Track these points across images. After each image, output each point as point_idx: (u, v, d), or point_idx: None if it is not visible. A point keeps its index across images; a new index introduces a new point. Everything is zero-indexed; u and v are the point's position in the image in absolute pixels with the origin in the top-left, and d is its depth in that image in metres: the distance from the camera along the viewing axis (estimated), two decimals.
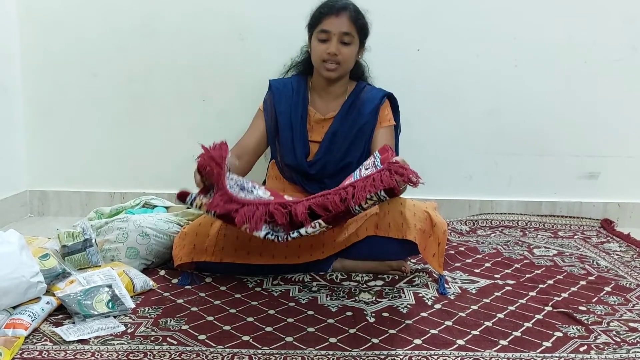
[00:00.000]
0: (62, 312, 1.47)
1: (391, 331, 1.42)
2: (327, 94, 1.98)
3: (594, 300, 1.65)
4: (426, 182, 2.20)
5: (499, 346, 1.36)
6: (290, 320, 1.48)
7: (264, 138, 2.00)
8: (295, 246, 1.77)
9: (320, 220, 1.46)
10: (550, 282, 1.79)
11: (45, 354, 1.28)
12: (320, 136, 1.96)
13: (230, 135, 2.15)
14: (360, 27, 1.89)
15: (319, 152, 1.94)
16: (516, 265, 1.95)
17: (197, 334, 1.39)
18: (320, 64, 1.89)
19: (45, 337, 1.35)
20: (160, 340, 1.35)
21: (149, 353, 1.29)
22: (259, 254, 1.75)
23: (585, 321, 1.50)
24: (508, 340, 1.39)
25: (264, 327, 1.43)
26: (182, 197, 1.51)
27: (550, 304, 1.61)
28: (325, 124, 1.96)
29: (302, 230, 1.47)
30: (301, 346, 1.34)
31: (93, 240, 1.70)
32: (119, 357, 1.28)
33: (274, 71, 2.18)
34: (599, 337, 1.42)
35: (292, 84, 2.01)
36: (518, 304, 1.61)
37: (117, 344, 1.33)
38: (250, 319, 1.48)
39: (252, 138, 1.98)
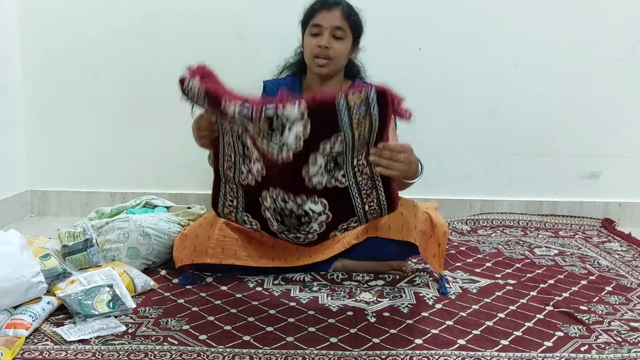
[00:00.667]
0: (63, 312, 1.47)
1: (392, 331, 1.42)
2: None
3: (595, 300, 1.65)
4: (427, 182, 2.18)
5: (500, 346, 1.36)
6: (291, 320, 1.48)
7: None
8: (295, 249, 1.77)
9: (302, 100, 1.31)
10: (551, 281, 1.79)
11: (46, 354, 1.28)
12: None
13: None
14: (353, 24, 1.88)
15: None
16: (517, 264, 1.95)
17: (198, 334, 1.38)
18: (312, 60, 1.88)
19: (46, 337, 1.35)
20: (161, 340, 1.35)
21: (149, 353, 1.29)
22: (259, 256, 1.75)
23: (586, 321, 1.49)
24: (509, 340, 1.39)
25: (265, 327, 1.43)
26: (183, 81, 1.45)
27: (551, 303, 1.60)
28: None
29: (280, 107, 1.30)
30: (302, 346, 1.33)
31: (94, 240, 1.70)
32: (120, 357, 1.27)
33: (274, 71, 2.18)
34: (600, 336, 1.41)
35: (286, 84, 2.00)
36: (519, 303, 1.61)
37: (118, 344, 1.33)
38: (251, 319, 1.48)
39: None
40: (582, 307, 1.59)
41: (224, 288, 1.68)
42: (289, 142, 1.33)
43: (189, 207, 2.03)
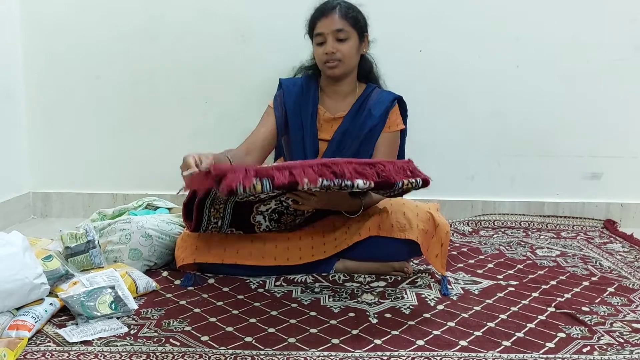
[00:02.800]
0: (65, 314, 1.47)
1: (394, 332, 1.42)
2: (335, 94, 1.98)
3: (597, 301, 1.65)
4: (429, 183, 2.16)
5: (502, 347, 1.36)
6: (292, 321, 1.48)
7: (273, 134, 1.99)
8: (297, 248, 1.77)
9: (371, 183, 1.49)
10: (553, 282, 1.79)
11: (48, 355, 1.29)
12: (329, 135, 1.95)
13: (231, 136, 2.16)
14: (354, 21, 1.89)
15: (328, 150, 1.94)
16: (519, 266, 1.95)
17: (200, 335, 1.39)
18: (323, 66, 1.91)
19: (48, 339, 1.36)
20: (163, 341, 1.35)
21: (151, 354, 1.29)
22: (261, 255, 1.75)
23: (589, 322, 1.49)
24: (511, 341, 1.39)
25: (267, 328, 1.43)
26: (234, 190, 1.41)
27: (553, 304, 1.60)
28: (335, 123, 1.96)
29: (353, 183, 1.47)
30: (304, 347, 1.34)
31: (96, 242, 1.70)
32: (122, 358, 1.28)
33: (276, 72, 2.18)
34: (602, 337, 1.41)
35: (302, 83, 2.02)
36: (521, 304, 1.61)
37: (120, 345, 1.33)
38: (252, 320, 1.48)
39: (261, 134, 1.97)
40: (584, 308, 1.58)
41: (225, 289, 1.69)
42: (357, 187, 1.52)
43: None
